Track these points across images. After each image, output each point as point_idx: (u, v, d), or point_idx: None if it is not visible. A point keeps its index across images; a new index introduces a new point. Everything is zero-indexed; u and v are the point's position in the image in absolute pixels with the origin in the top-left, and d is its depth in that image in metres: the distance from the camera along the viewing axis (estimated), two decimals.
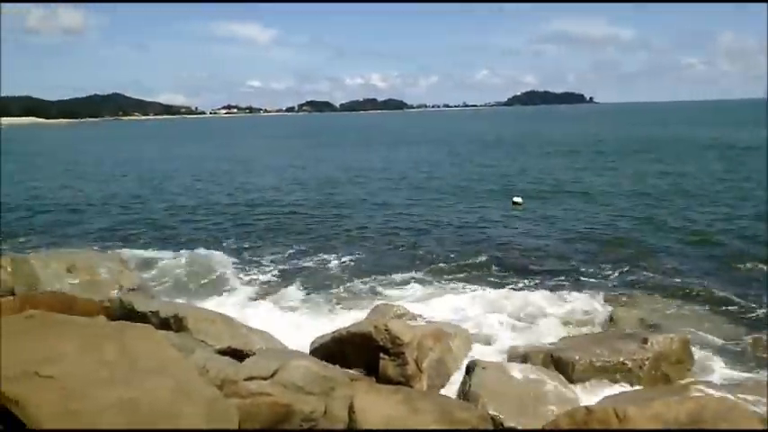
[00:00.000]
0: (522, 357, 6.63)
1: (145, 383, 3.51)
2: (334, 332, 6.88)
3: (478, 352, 7.24)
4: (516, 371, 5.83)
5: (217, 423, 3.49)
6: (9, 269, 8.26)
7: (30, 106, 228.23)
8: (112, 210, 19.93)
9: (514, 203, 19.30)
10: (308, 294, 10.39)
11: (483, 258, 12.43)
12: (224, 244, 14.42)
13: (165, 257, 12.81)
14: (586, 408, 4.20)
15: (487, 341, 7.78)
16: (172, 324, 6.25)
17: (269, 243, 14.56)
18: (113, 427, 3.13)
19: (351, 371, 6.15)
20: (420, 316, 8.59)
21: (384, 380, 6.07)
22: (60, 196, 23.65)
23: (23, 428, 3.06)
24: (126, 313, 6.41)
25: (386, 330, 6.21)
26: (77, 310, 5.61)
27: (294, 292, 10.50)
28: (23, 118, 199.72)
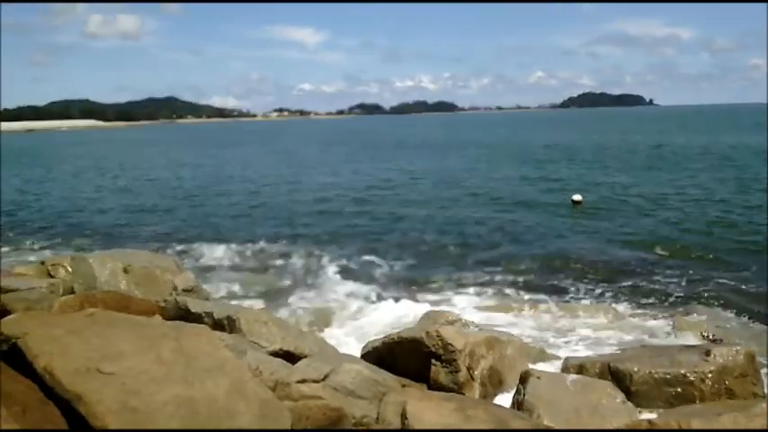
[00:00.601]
0: (578, 368, 6.44)
1: (201, 382, 3.54)
2: (384, 337, 6.86)
3: (532, 361, 7.10)
4: (572, 382, 5.65)
5: (270, 424, 3.50)
6: (69, 268, 8.55)
7: (88, 109, 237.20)
8: (170, 211, 20.46)
9: (574, 202, 18.81)
10: (359, 298, 10.41)
11: (538, 264, 12.26)
12: (276, 245, 14.61)
13: (220, 259, 13.06)
14: (649, 421, 4.04)
15: (542, 350, 7.62)
16: (225, 325, 6.33)
17: (325, 244, 14.71)
18: (170, 423, 3.17)
19: (401, 377, 6.12)
20: (472, 323, 8.48)
21: (435, 386, 6.02)
22: (119, 198, 24.47)
23: (88, 428, 3.12)
24: (181, 314, 6.53)
25: (438, 336, 6.16)
26: (134, 310, 5.73)
27: (345, 295, 10.54)
28: (82, 120, 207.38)
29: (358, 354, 6.88)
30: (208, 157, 48.88)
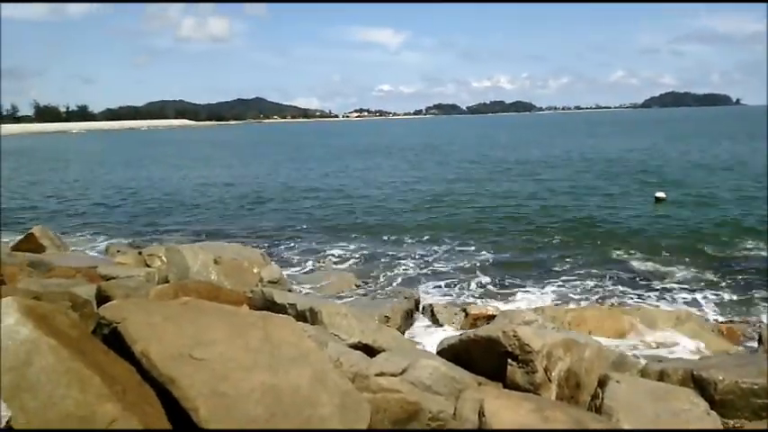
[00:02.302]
0: (659, 374, 6.21)
1: (285, 371, 3.67)
2: (461, 334, 6.85)
3: (611, 366, 6.89)
4: (652, 388, 5.46)
5: (351, 415, 3.59)
6: (164, 259, 9.07)
7: (182, 109, 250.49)
8: (257, 206, 21.18)
9: (657, 199, 18.16)
10: (435, 295, 10.44)
11: (618, 264, 11.84)
12: (359, 239, 14.87)
13: (304, 252, 13.43)
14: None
15: (621, 355, 7.38)
16: (307, 317, 6.52)
17: (407, 237, 14.83)
18: (256, 410, 3.32)
19: (477, 375, 6.10)
20: (550, 323, 8.33)
21: (511, 386, 5.96)
22: (211, 192, 25.59)
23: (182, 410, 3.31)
24: (266, 304, 6.78)
25: (514, 336, 6.09)
26: (223, 299, 5.99)
27: (424, 291, 10.59)
28: (176, 120, 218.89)
29: (433, 350, 6.90)
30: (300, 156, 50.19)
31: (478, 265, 12.41)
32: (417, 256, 13.36)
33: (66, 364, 3.20)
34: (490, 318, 9.09)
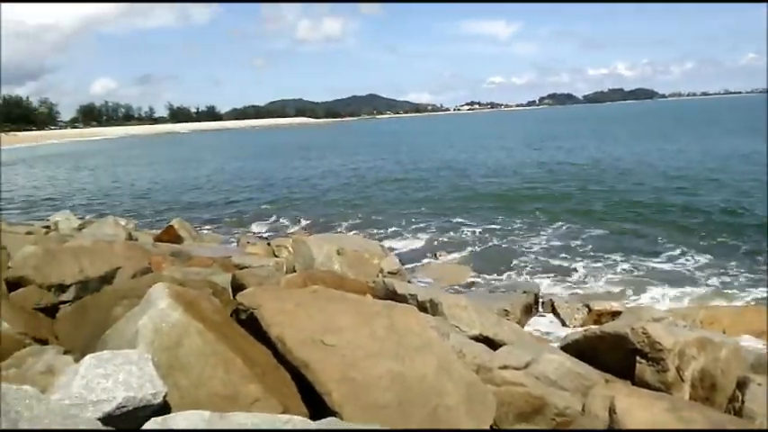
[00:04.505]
0: None
1: (411, 359, 3.75)
2: (586, 330, 6.66)
3: (749, 367, 6.39)
4: None
5: (477, 406, 3.61)
6: (290, 249, 9.51)
7: (301, 108, 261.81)
8: (373, 199, 21.63)
9: None
10: (554, 289, 10.18)
11: (752, 259, 10.94)
12: (473, 228, 14.78)
13: (417, 244, 13.55)
14: None
15: (761, 356, 6.83)
16: (428, 307, 6.59)
17: (524, 227, 14.59)
18: (385, 396, 3.41)
19: (602, 372, 5.90)
20: (681, 321, 7.87)
21: (640, 384, 5.72)
22: (329, 186, 26.44)
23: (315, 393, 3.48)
24: (388, 294, 6.91)
25: (644, 333, 5.83)
26: (347, 288, 6.18)
27: (540, 284, 10.37)
28: (296, 118, 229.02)
29: (555, 345, 6.77)
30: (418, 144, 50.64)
31: (603, 258, 11.93)
32: (535, 247, 13.07)
33: (211, 346, 3.46)
34: (615, 314, 8.74)
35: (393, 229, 15.99)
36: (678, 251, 12.07)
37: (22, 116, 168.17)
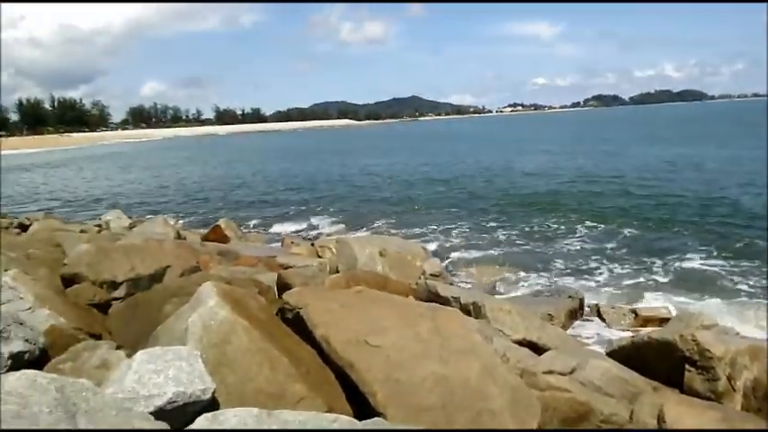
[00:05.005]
0: None
1: (455, 362, 3.74)
2: (633, 336, 6.52)
3: None
4: None
5: (521, 410, 3.57)
6: (334, 250, 9.59)
7: (344, 110, 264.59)
8: (410, 200, 21.64)
9: None
10: (599, 293, 9.99)
11: None
12: (513, 229, 14.63)
13: (458, 246, 13.48)
14: None
15: None
16: (471, 311, 6.55)
17: (567, 228, 14.39)
18: (429, 398, 3.41)
19: (649, 379, 5.76)
20: (732, 329, 7.63)
21: (689, 393, 5.57)
22: (366, 185, 26.57)
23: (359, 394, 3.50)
24: (430, 296, 6.91)
25: (693, 341, 5.67)
26: (390, 290, 6.21)
27: (585, 287, 10.20)
28: (339, 120, 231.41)
29: (600, 351, 6.64)
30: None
31: (649, 263, 11.63)
32: (574, 250, 12.85)
33: (258, 344, 3.52)
34: (663, 320, 8.54)
35: (429, 228, 15.98)
36: (725, 257, 11.68)
37: (76, 118, 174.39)
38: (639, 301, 9.69)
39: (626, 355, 6.33)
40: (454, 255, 12.81)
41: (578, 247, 13.08)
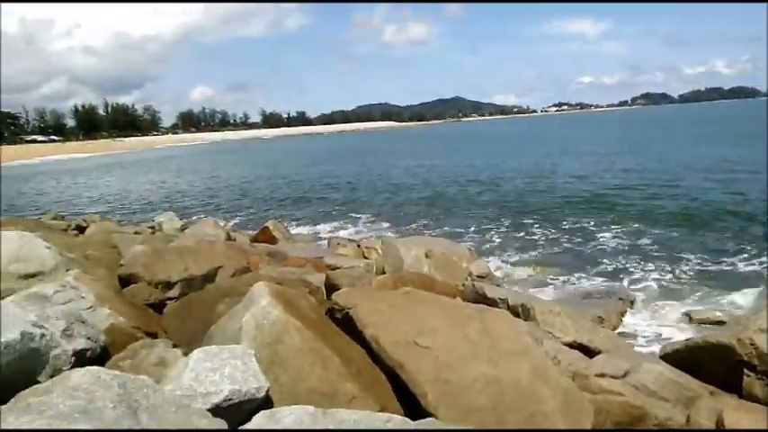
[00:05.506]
0: None
1: (505, 364, 3.72)
2: (687, 340, 6.35)
3: None
4: None
5: (574, 413, 3.52)
6: (380, 251, 9.63)
7: (387, 111, 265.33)
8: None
9: None
10: (650, 295, 9.75)
11: None
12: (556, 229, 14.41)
13: (500, 246, 13.37)
14: None
15: None
16: (519, 312, 6.48)
17: (610, 227, 14.09)
18: (480, 399, 3.40)
19: (705, 383, 5.60)
20: None
21: (747, 398, 5.39)
22: (406, 186, 26.59)
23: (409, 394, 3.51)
24: (477, 298, 6.86)
25: (751, 345, 5.48)
26: (437, 291, 6.20)
27: (635, 289, 9.98)
28: (382, 122, 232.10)
29: (652, 354, 6.50)
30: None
31: (699, 265, 11.27)
32: (624, 250, 12.54)
33: (309, 343, 3.58)
34: (717, 323, 8.29)
35: (469, 229, 15.90)
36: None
37: (129, 123, 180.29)
38: (690, 302, 9.42)
39: (680, 358, 6.16)
40: (495, 256, 12.71)
41: (625, 248, 12.77)
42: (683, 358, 6.11)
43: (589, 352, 5.92)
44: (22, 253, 5.43)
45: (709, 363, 5.87)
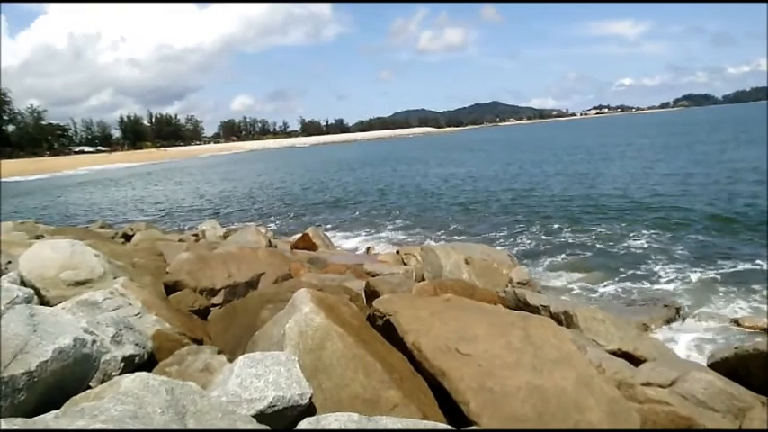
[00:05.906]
0: None
1: (549, 372, 3.67)
2: (737, 347, 6.14)
3: None
4: None
5: (620, 423, 3.46)
6: (419, 258, 9.62)
7: (424, 118, 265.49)
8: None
9: None
10: (694, 301, 9.51)
11: None
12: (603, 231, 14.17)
13: (542, 253, 13.20)
14: None
15: None
16: (562, 319, 6.39)
17: (651, 232, 13.83)
18: (523, 408, 3.36)
19: (757, 394, 5.41)
20: None
21: None
22: (438, 192, 26.60)
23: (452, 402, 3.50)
24: (518, 305, 6.79)
25: None
26: (477, 298, 6.15)
27: (678, 295, 9.74)
28: (419, 128, 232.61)
29: (699, 362, 6.33)
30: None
31: (745, 271, 10.91)
32: (667, 256, 12.25)
33: (352, 350, 3.60)
34: (766, 330, 8.04)
35: (501, 233, 15.79)
36: None
37: (172, 133, 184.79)
38: (736, 309, 9.15)
39: (729, 366, 5.97)
40: (533, 262, 12.56)
41: (664, 254, 12.47)
42: (733, 366, 5.92)
43: (634, 360, 5.81)
44: (73, 261, 5.60)
45: (760, 371, 5.69)
